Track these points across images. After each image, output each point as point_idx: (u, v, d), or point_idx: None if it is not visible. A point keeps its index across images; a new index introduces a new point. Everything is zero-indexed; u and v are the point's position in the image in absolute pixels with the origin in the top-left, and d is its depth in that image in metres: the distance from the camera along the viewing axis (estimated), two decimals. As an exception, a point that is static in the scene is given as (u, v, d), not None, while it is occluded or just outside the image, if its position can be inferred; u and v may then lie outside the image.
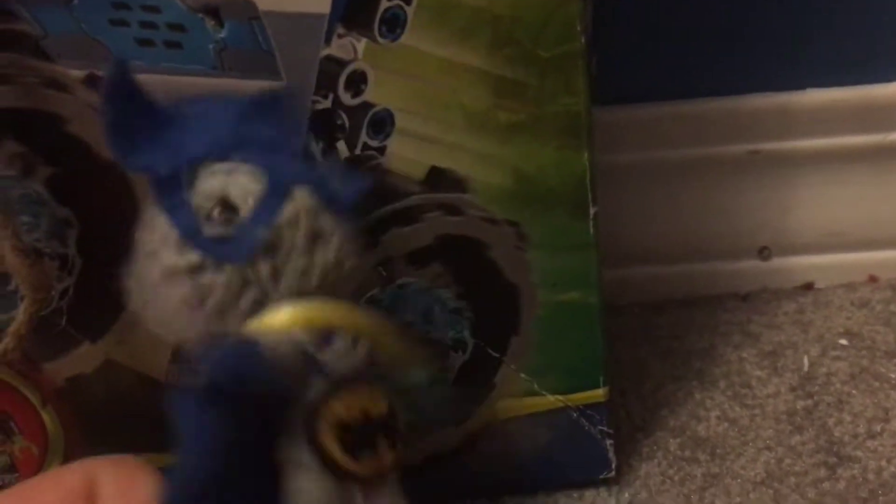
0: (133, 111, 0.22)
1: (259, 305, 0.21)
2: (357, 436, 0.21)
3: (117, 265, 0.33)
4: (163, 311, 0.22)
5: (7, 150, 0.31)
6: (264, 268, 0.21)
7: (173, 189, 0.21)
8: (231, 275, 0.21)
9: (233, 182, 0.21)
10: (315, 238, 0.21)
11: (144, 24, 0.29)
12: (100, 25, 0.29)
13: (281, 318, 0.21)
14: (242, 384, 0.20)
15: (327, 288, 0.22)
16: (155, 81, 0.30)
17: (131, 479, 0.24)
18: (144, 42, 0.29)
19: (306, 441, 0.20)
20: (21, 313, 0.29)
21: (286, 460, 0.21)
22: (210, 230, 0.21)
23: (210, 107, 0.23)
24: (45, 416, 0.36)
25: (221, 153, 0.22)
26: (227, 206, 0.21)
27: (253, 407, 0.20)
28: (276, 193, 0.21)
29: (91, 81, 0.29)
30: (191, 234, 0.21)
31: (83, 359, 0.34)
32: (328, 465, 0.20)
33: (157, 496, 0.20)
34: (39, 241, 0.32)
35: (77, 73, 0.29)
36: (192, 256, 0.21)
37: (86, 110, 0.30)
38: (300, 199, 0.21)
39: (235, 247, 0.21)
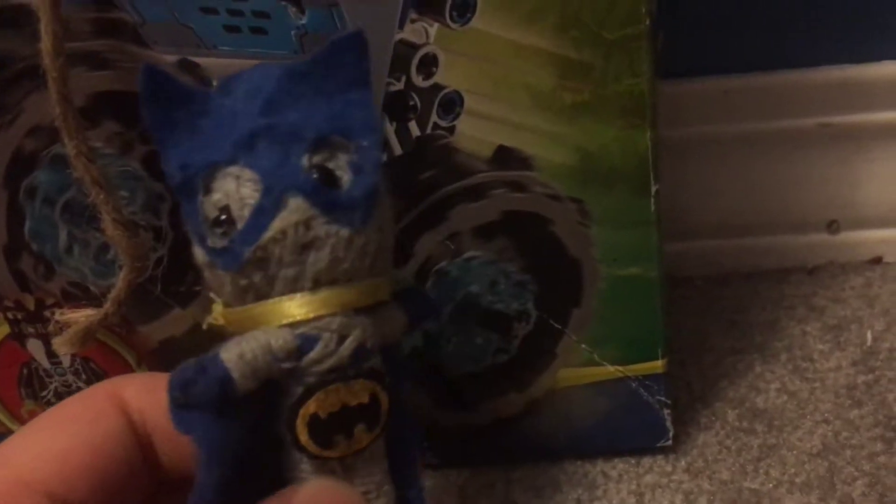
0: (167, 113, 0.23)
1: (261, 300, 0.23)
2: (329, 427, 0.23)
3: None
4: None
5: (107, 129, 0.32)
6: (257, 276, 0.23)
7: (189, 195, 0.23)
8: (231, 278, 0.23)
9: (236, 192, 0.22)
10: (304, 248, 0.22)
11: (232, 12, 0.30)
12: (191, 13, 0.30)
13: (276, 312, 0.23)
14: (199, 399, 0.22)
15: (327, 283, 0.23)
16: (242, 65, 0.32)
17: (154, 382, 0.25)
18: (231, 29, 0.31)
19: (289, 438, 0.23)
20: (120, 280, 0.31)
21: (283, 454, 0.23)
22: (212, 240, 0.23)
23: (245, 87, 0.24)
24: (140, 374, 0.38)
25: (233, 158, 0.23)
26: (229, 217, 0.23)
27: (232, 416, 0.22)
28: (265, 210, 0.22)
29: (183, 66, 0.31)
30: (200, 239, 0.23)
31: (174, 323, 0.36)
32: (305, 454, 0.23)
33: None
34: (136, 214, 0.34)
35: (170, 58, 0.31)
36: (203, 255, 0.23)
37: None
38: (291, 213, 0.22)
39: (231, 258, 0.22)
